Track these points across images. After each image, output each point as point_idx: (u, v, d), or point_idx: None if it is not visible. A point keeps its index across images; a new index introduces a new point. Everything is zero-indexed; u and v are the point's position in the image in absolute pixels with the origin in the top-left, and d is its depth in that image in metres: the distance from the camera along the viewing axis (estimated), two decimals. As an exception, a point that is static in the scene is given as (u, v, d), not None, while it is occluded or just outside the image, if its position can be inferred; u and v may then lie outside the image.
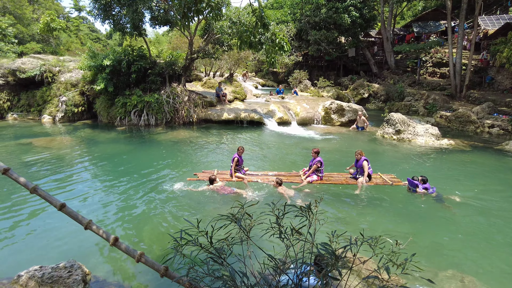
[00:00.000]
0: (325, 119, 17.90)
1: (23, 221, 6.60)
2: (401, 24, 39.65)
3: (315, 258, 3.17)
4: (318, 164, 8.67)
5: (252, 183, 8.73)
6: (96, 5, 16.02)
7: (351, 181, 8.90)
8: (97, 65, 16.59)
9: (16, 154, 11.70)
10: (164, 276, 3.10)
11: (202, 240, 2.69)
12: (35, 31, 37.34)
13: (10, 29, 32.32)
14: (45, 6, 46.04)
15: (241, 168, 9.08)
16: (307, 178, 8.71)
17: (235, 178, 8.83)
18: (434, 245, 5.80)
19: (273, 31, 7.35)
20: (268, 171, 9.61)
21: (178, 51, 20.26)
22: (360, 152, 8.84)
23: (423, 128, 14.23)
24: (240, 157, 8.93)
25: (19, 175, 3.77)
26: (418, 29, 31.52)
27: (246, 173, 9.17)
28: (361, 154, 8.79)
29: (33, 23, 39.23)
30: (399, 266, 2.31)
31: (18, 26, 36.20)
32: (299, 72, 28.16)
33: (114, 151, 12.40)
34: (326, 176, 9.15)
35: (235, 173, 8.91)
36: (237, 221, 2.73)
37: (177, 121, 17.33)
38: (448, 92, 23.21)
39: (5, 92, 19.80)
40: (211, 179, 8.25)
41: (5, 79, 19.54)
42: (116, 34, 45.08)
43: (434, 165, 10.71)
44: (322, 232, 3.50)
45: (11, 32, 32.54)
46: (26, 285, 4.18)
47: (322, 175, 8.90)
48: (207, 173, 9.28)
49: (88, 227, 3.48)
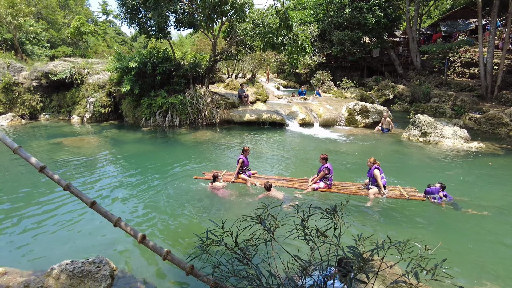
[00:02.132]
0: (349, 121, 17.64)
1: (56, 217, 6.89)
2: (428, 23, 38.50)
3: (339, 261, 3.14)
4: (325, 171, 8.10)
5: (254, 186, 8.62)
6: (123, 9, 16.54)
7: (363, 191, 8.10)
8: (124, 67, 17.09)
9: (48, 152, 12.25)
10: (190, 274, 3.16)
11: (227, 240, 2.73)
12: (65, 35, 39.00)
13: (44, 34, 33.89)
14: (75, 11, 47.96)
15: (247, 170, 9.00)
16: (313, 185, 8.22)
17: (233, 179, 8.77)
18: (466, 254, 5.59)
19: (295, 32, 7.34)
20: (275, 176, 9.40)
21: (201, 53, 20.57)
22: (372, 159, 8.07)
23: (451, 130, 13.75)
24: (245, 158, 8.87)
25: (53, 173, 3.95)
26: (446, 28, 30.52)
27: (253, 176, 9.10)
28: (372, 162, 8.03)
29: (64, 27, 40.94)
30: (429, 272, 2.25)
31: (51, 30, 37.89)
32: (322, 73, 27.89)
33: (140, 151, 12.73)
34: (336, 185, 8.55)
35: (240, 174, 8.87)
36: (262, 222, 2.75)
37: (200, 122, 17.58)
38: (477, 93, 22.32)
39: (38, 94, 20.76)
40: (214, 176, 8.36)
41: (38, 81, 20.48)
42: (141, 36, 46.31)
43: (462, 169, 10.32)
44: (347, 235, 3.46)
45: (44, 37, 34.13)
46: (58, 278, 4.36)
47: (330, 182, 8.27)
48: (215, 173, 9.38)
49: (117, 224, 3.59)
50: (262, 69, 30.58)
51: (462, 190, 8.41)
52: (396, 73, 30.56)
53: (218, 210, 7.21)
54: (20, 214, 7.00)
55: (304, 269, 2.45)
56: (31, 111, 20.61)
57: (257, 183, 8.58)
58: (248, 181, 8.72)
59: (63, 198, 7.75)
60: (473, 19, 29.93)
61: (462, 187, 8.69)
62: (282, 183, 8.65)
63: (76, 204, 7.37)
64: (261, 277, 2.43)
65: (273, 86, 29.14)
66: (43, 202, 7.66)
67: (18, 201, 7.70)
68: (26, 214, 7.01)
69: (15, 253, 5.48)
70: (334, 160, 11.11)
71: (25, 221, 6.70)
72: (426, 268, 2.27)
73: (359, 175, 9.56)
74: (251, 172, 9.18)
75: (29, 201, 7.71)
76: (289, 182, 8.78)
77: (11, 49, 28.31)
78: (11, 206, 7.46)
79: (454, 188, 8.37)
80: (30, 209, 7.28)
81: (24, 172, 9.78)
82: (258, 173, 9.59)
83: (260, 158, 11.54)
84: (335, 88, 26.14)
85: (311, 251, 2.68)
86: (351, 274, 2.24)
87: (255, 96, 20.53)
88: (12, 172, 9.98)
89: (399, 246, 2.43)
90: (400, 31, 34.98)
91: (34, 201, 7.76)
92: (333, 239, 2.63)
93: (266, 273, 2.50)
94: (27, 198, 7.93)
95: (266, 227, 2.75)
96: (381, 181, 7.77)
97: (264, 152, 12.29)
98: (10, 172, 9.99)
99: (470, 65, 26.63)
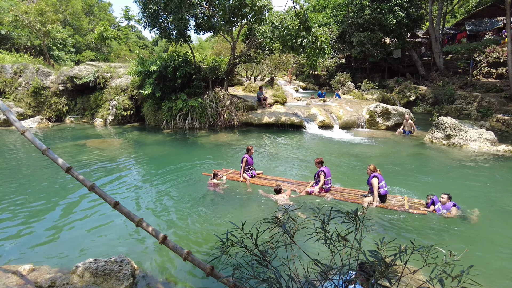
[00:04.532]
0: (370, 123, 17.35)
1: (79, 216, 7.11)
2: (451, 22, 37.39)
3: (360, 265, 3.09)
4: (322, 175, 7.96)
5: (254, 185, 8.79)
6: (144, 14, 16.96)
7: (360, 199, 7.70)
8: (145, 71, 17.47)
9: (73, 154, 12.66)
10: (210, 275, 3.19)
11: (247, 242, 2.73)
12: (90, 40, 40.29)
13: (70, 40, 35.18)
14: (99, 17, 49.53)
15: (251, 169, 9.20)
16: (307, 189, 8.08)
17: (241, 178, 8.98)
18: (495, 261, 5.38)
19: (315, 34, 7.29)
20: (278, 177, 9.40)
21: (220, 56, 20.76)
22: (372, 167, 7.62)
23: (477, 133, 13.27)
24: (250, 158, 9.08)
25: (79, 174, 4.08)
26: (471, 27, 29.53)
27: (257, 176, 9.30)
28: (372, 170, 7.58)
29: (88, 33, 42.32)
30: (455, 279, 2.17)
31: (76, 36, 39.26)
32: (342, 74, 27.58)
33: (161, 152, 12.97)
34: (334, 190, 8.31)
35: (244, 173, 9.06)
36: (282, 224, 2.74)
37: (219, 125, 17.75)
38: (506, 94, 21.44)
39: (64, 97, 21.53)
40: (214, 173, 8.79)
41: (64, 85, 21.24)
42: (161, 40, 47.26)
43: (489, 174, 9.92)
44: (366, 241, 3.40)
45: (70, 42, 35.42)
46: (83, 276, 4.50)
47: (328, 187, 8.06)
48: (225, 171, 9.79)
49: (139, 225, 3.67)
50: (281, 71, 30.55)
51: (490, 196, 8.10)
52: (418, 74, 29.81)
53: (238, 211, 7.23)
54: (45, 214, 7.27)
55: (324, 273, 2.43)
56: (57, 114, 21.37)
57: (260, 191, 8.43)
58: (248, 180, 8.91)
59: (88, 198, 7.99)
60: (500, 17, 28.84)
61: (490, 192, 8.37)
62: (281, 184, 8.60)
63: (100, 205, 7.58)
64: (281, 280, 2.43)
65: (291, 88, 29.04)
66: (68, 202, 7.92)
67: (44, 201, 7.99)
68: (51, 214, 7.27)
69: (42, 251, 5.69)
70: (354, 164, 10.95)
71: (50, 220, 6.94)
72: (452, 275, 2.19)
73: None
74: (255, 172, 9.36)
75: (55, 201, 7.99)
76: (289, 184, 8.77)
77: (40, 55, 29.48)
78: (37, 205, 7.75)
79: (481, 194, 8.08)
80: (56, 209, 7.55)
81: (51, 173, 10.15)
82: (267, 173, 9.75)
83: (277, 160, 11.52)
84: (355, 90, 25.77)
85: (332, 255, 2.65)
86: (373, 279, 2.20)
87: (273, 98, 20.53)
88: (39, 172, 10.37)
89: (423, 252, 2.36)
90: (422, 31, 34.12)
91: (60, 201, 8.04)
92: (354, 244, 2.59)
93: (286, 276, 2.49)
94: (53, 197, 8.22)
95: (286, 230, 2.74)
96: (376, 191, 7.35)
97: (282, 154, 12.26)
98: (38, 172, 10.39)
99: (498, 65, 25.65)
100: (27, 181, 9.45)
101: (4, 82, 20.45)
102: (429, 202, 7.13)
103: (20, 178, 9.72)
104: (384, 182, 7.48)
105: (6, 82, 20.49)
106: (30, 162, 11.62)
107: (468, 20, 30.99)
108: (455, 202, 7.00)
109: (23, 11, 25.77)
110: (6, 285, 4.34)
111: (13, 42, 29.07)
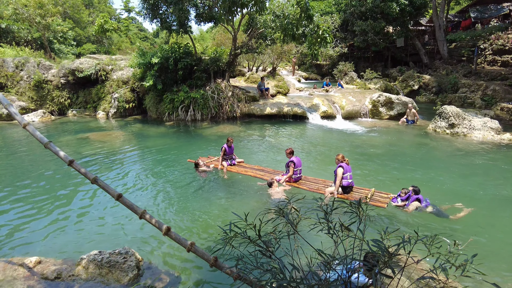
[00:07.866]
0: (373, 113, 17.24)
1: (83, 209, 7.16)
2: (456, 9, 36.82)
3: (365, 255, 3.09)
4: (291, 165, 8.07)
5: (230, 173, 9.29)
6: (145, 5, 16.78)
7: (323, 190, 7.65)
8: (146, 63, 17.37)
9: (76, 147, 12.70)
10: (214, 266, 3.20)
11: (250, 233, 2.73)
12: (90, 33, 40.07)
13: (70, 33, 35.00)
14: (99, 9, 49.17)
15: (230, 158, 9.75)
16: (276, 178, 8.15)
17: (220, 166, 9.51)
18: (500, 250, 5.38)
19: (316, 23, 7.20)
20: (255, 166, 9.73)
21: (222, 47, 20.61)
22: (340, 156, 7.42)
23: (481, 122, 13.16)
24: (228, 148, 9.58)
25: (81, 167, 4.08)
26: (476, 14, 29.05)
27: (238, 164, 9.84)
28: (340, 159, 7.39)
29: (88, 25, 42.09)
30: (459, 268, 2.17)
31: (76, 29, 39.07)
32: (344, 64, 27.32)
33: (163, 145, 12.98)
34: (306, 180, 8.39)
35: (222, 161, 9.59)
36: (285, 215, 2.74)
37: (221, 116, 17.70)
38: (511, 82, 21.21)
39: (66, 91, 21.51)
40: (195, 163, 9.52)
41: (66, 79, 21.21)
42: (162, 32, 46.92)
43: (493, 163, 9.86)
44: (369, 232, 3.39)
45: (71, 35, 35.25)
46: (88, 267, 4.55)
47: (297, 176, 8.18)
48: (210, 158, 10.43)
49: (143, 217, 3.68)
50: (283, 62, 30.28)
51: (494, 184, 8.07)
52: (422, 63, 29.49)
53: (241, 202, 7.25)
54: (49, 207, 7.32)
55: (328, 263, 2.43)
56: (60, 107, 21.38)
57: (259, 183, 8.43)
58: (225, 167, 9.42)
59: (91, 191, 8.03)
60: (506, 3, 28.35)
61: (494, 181, 8.34)
62: (252, 172, 9.09)
63: (102, 197, 7.62)
64: (284, 270, 2.43)
65: (294, 78, 28.83)
66: (71, 195, 7.96)
67: (48, 195, 8.04)
68: (55, 207, 7.32)
69: (47, 244, 5.74)
70: (357, 153, 10.92)
71: (54, 213, 6.99)
72: (456, 264, 2.19)
73: (383, 168, 9.38)
74: (234, 161, 9.86)
75: (58, 194, 8.05)
76: (264, 172, 9.01)
77: (40, 48, 29.40)
78: (41, 199, 7.80)
79: (485, 183, 8.05)
80: (59, 201, 7.60)
81: (53, 166, 10.20)
82: (265, 164, 10.04)
83: (279, 151, 11.47)
84: (358, 80, 25.54)
85: (335, 245, 2.65)
86: (376, 268, 2.20)
87: (275, 89, 20.41)
88: (42, 166, 10.42)
89: (426, 241, 2.36)
90: (425, 19, 33.62)
91: (63, 194, 8.09)
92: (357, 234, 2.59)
93: (289, 266, 2.49)
94: (56, 191, 8.27)
95: (289, 220, 2.74)
96: (339, 181, 7.19)
97: (284, 145, 12.22)
98: (40, 166, 10.44)
99: (503, 52, 25.29)
100: (30, 175, 9.51)
101: (6, 76, 20.44)
102: (402, 196, 6.85)
103: (23, 172, 9.78)
104: (350, 173, 7.33)
105: (8, 76, 20.48)
106: (32, 156, 11.68)
107: (473, 6, 30.46)
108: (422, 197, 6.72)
109: (22, 4, 25.59)
110: (13, 277, 4.40)
111: (14, 35, 28.99)
